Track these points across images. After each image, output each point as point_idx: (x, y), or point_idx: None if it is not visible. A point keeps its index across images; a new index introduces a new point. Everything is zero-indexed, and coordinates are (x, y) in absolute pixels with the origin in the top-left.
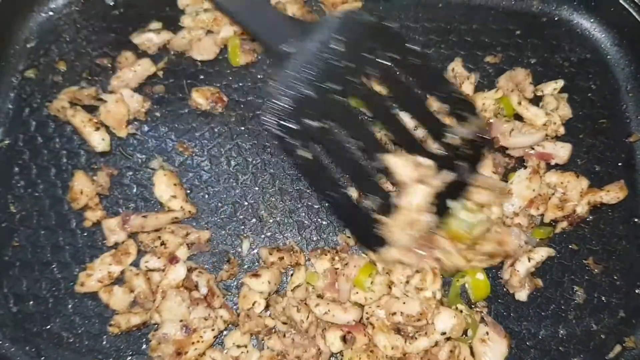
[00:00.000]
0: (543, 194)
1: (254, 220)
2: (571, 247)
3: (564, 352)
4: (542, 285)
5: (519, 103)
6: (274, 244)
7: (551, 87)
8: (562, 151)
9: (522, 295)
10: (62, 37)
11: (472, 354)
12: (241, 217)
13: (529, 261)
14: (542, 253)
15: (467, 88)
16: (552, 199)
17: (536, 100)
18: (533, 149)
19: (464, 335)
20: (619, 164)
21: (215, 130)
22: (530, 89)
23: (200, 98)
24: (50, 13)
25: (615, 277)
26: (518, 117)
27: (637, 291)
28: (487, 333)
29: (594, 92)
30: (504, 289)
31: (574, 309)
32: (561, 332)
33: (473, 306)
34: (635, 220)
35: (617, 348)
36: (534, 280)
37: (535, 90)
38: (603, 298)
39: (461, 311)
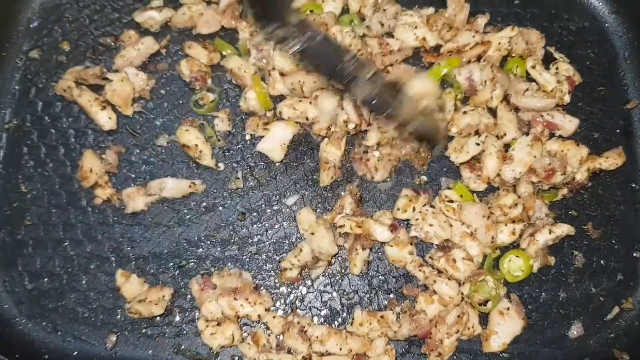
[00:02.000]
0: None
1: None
2: (571, 213)
3: (564, 315)
4: (553, 264)
5: (533, 67)
6: None
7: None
8: (569, 124)
9: (533, 266)
10: (65, 17)
11: (481, 323)
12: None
13: (550, 233)
14: (563, 229)
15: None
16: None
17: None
18: (542, 115)
19: (482, 306)
20: (617, 130)
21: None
22: (542, 52)
23: (185, 68)
24: None
25: (613, 242)
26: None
27: (634, 255)
28: (508, 309)
29: (592, 60)
30: None
31: (573, 273)
32: (561, 295)
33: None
34: (633, 185)
35: (616, 310)
36: (547, 257)
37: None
38: (602, 262)
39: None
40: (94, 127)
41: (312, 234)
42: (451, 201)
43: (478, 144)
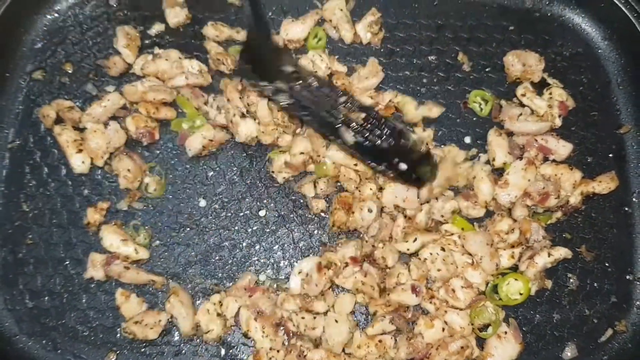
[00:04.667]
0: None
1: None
2: (565, 235)
3: (558, 337)
4: (549, 287)
5: (523, 94)
6: None
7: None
8: (562, 149)
9: (531, 289)
10: (68, 39)
11: (478, 345)
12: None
13: (549, 256)
14: (562, 252)
15: None
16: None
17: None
18: (536, 140)
19: (483, 332)
20: (610, 155)
21: None
22: (539, 74)
23: (131, 124)
24: (56, 15)
25: (606, 264)
26: None
27: (627, 277)
28: (506, 332)
29: (585, 85)
30: None
31: (567, 295)
32: (555, 317)
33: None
34: (626, 209)
35: (609, 332)
36: (544, 280)
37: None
38: (595, 284)
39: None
40: None
41: (336, 322)
42: (452, 234)
43: None
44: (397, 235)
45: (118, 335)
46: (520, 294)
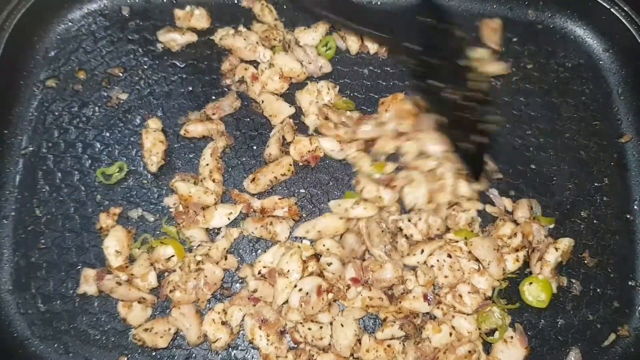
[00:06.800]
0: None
1: None
2: None
3: (562, 341)
4: (565, 284)
5: None
6: None
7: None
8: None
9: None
10: (82, 47)
11: (484, 349)
12: None
13: (556, 250)
14: (566, 242)
15: None
16: None
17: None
18: None
19: (489, 336)
20: (611, 163)
21: None
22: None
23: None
24: (70, 24)
25: (609, 270)
26: None
27: (630, 283)
28: (512, 337)
29: (587, 95)
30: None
31: (571, 301)
32: (560, 322)
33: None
34: (627, 216)
35: (612, 336)
36: (558, 277)
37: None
38: (598, 290)
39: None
40: (108, 154)
41: (342, 325)
42: (457, 241)
43: None
44: (402, 248)
45: (129, 339)
46: (545, 294)
